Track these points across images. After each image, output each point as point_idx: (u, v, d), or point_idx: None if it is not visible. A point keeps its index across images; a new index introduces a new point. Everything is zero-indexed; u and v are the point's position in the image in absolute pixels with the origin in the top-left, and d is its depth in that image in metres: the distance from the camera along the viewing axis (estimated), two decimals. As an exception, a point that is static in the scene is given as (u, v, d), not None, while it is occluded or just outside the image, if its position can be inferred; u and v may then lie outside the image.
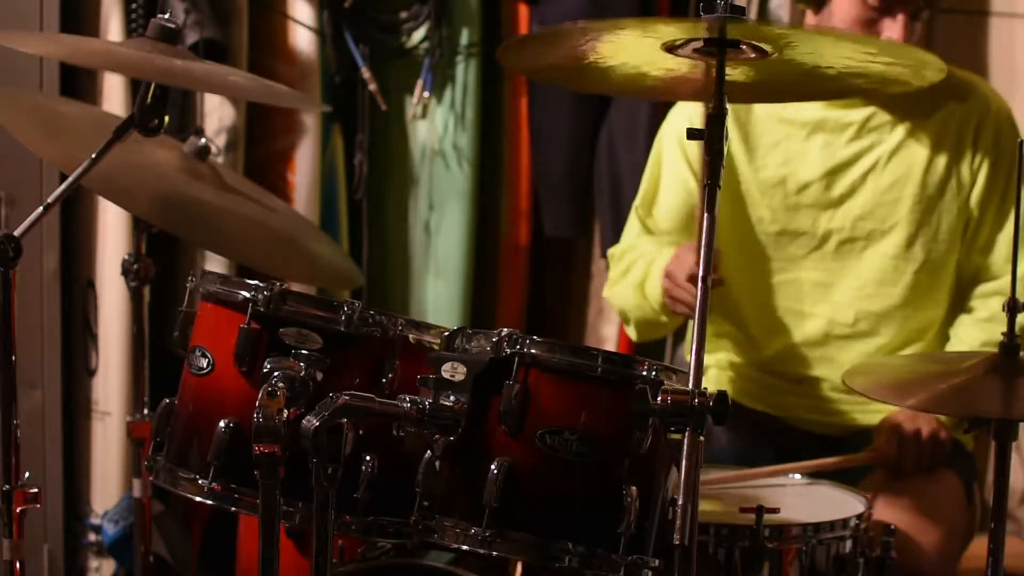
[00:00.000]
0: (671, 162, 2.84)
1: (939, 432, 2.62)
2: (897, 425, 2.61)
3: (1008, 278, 2.52)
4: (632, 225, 2.90)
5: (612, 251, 2.92)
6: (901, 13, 2.60)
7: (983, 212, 2.70)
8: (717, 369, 2.87)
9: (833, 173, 2.72)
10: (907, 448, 2.60)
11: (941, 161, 2.69)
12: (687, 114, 2.78)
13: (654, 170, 2.88)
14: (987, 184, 2.69)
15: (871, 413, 2.72)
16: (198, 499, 1.99)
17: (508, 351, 1.89)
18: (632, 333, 2.85)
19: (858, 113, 2.71)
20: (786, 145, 2.74)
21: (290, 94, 2.57)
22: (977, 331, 2.69)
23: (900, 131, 2.71)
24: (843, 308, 2.73)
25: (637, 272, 2.75)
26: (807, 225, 2.73)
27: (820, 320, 2.74)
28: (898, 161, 2.70)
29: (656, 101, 3.49)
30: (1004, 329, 1.99)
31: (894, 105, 2.70)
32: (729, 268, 2.77)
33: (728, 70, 1.82)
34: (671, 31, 1.84)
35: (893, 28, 2.60)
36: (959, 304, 2.77)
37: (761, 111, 2.76)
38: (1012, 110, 2.80)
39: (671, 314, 2.67)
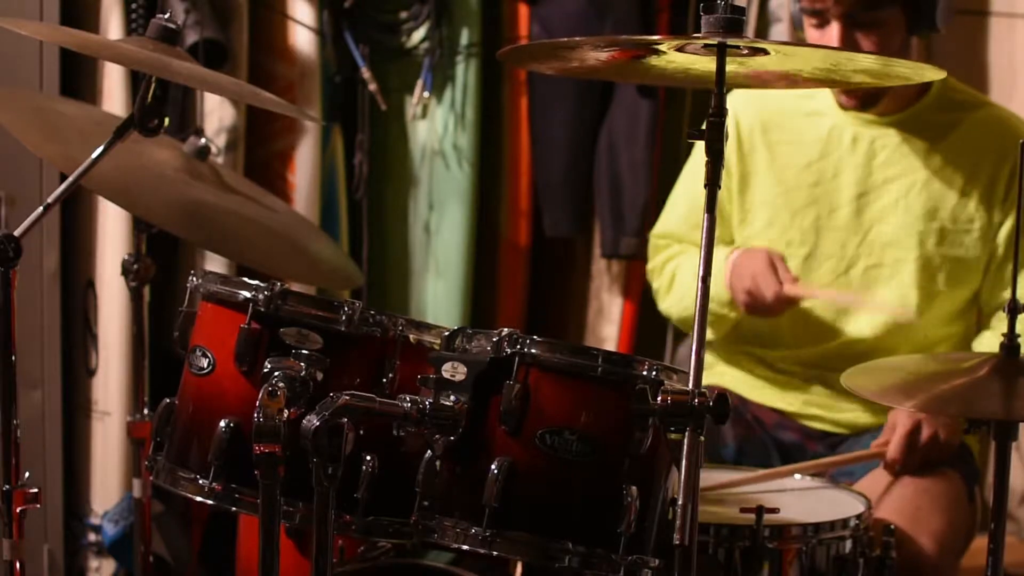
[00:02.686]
0: (692, 177, 2.84)
1: (954, 436, 2.60)
2: (915, 425, 2.58)
3: None
4: (654, 247, 2.93)
5: (649, 268, 2.94)
6: (833, 22, 2.58)
7: (1009, 249, 2.67)
8: (724, 364, 2.87)
9: (865, 195, 2.71)
10: (916, 448, 2.58)
11: (973, 196, 2.67)
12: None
13: (671, 197, 2.92)
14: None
15: (877, 413, 2.72)
16: (198, 499, 2.00)
17: (508, 351, 1.89)
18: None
19: (893, 136, 2.70)
20: (819, 165, 2.73)
21: (286, 105, 2.56)
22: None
23: (935, 161, 2.69)
24: (862, 332, 2.72)
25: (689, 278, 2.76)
26: (835, 249, 2.72)
27: (837, 343, 2.73)
28: (930, 191, 2.68)
29: (656, 100, 3.50)
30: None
31: (931, 132, 2.69)
32: None
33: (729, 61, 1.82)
34: (669, 44, 1.84)
35: (824, 41, 2.59)
36: (976, 327, 2.76)
37: (792, 130, 2.75)
38: (1015, 113, 2.79)
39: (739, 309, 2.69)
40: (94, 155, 2.03)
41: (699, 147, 2.84)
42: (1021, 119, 2.79)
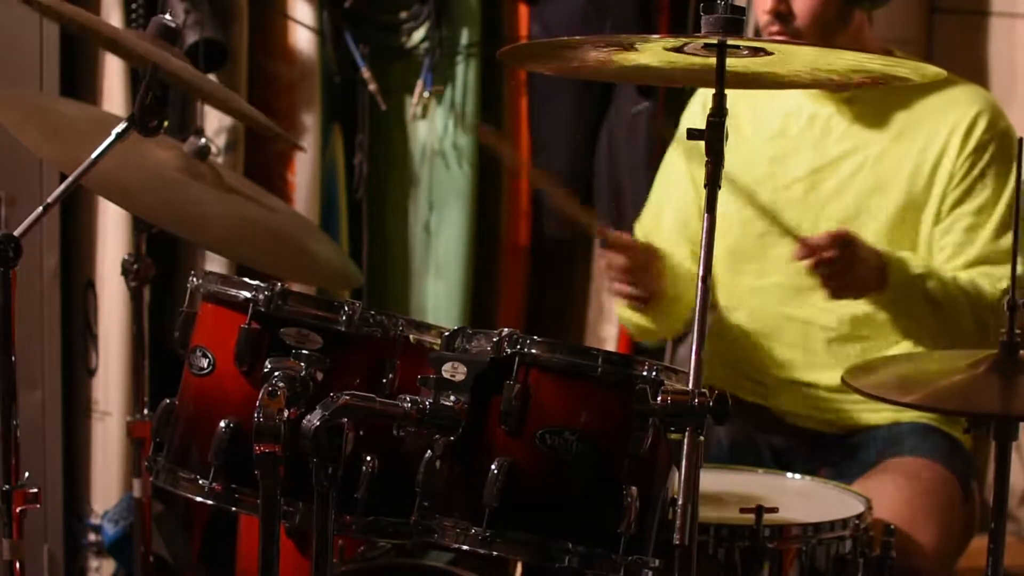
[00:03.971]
0: (671, 170, 2.85)
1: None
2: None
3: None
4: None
5: None
6: None
7: (947, 194, 2.67)
8: (715, 365, 2.87)
9: (819, 171, 2.72)
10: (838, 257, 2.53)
11: (927, 167, 2.67)
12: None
13: (658, 190, 2.91)
14: (963, 175, 2.65)
15: (868, 412, 2.72)
16: (198, 499, 2.00)
17: (508, 351, 1.89)
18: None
19: (848, 112, 2.71)
20: (777, 141, 2.75)
21: (274, 128, 2.56)
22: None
23: (890, 133, 2.70)
24: (825, 311, 2.72)
25: None
26: (792, 225, 2.72)
27: (803, 323, 2.74)
28: (885, 164, 2.69)
29: (656, 100, 3.50)
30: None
31: (886, 106, 2.70)
32: (716, 269, 2.78)
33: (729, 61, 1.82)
34: (670, 42, 1.84)
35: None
36: None
37: (755, 108, 2.76)
38: (1008, 115, 2.79)
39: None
40: (94, 155, 2.03)
41: (675, 144, 2.89)
42: (978, 90, 2.78)
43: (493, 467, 1.86)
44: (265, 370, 1.87)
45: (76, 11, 2.29)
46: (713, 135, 1.79)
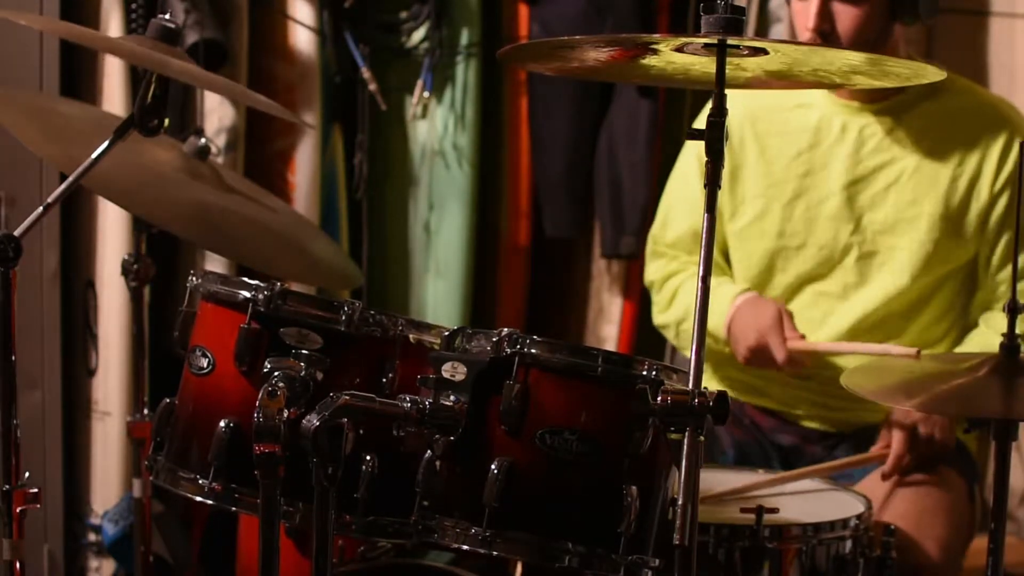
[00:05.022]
0: (685, 177, 2.85)
1: (949, 436, 2.61)
2: (912, 425, 2.59)
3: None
4: (654, 253, 2.93)
5: (649, 279, 2.94)
6: None
7: (999, 235, 2.68)
8: (725, 364, 2.87)
9: (855, 184, 2.71)
10: (917, 448, 2.59)
11: (963, 181, 2.66)
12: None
13: (667, 199, 2.91)
14: (1008, 207, 2.65)
15: (876, 411, 2.72)
16: (198, 499, 2.00)
17: (508, 351, 1.89)
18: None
19: (881, 124, 2.70)
20: (808, 155, 2.73)
21: (283, 110, 2.56)
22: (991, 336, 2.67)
23: (924, 147, 2.68)
24: (856, 320, 2.72)
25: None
26: (827, 238, 2.72)
27: (832, 330, 2.74)
28: (920, 177, 2.68)
29: (656, 100, 3.50)
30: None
31: (919, 119, 2.69)
32: (748, 279, 2.78)
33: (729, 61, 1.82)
34: (670, 42, 1.84)
35: (807, 14, 2.60)
36: (967, 317, 2.76)
37: (783, 121, 2.76)
38: (1001, 97, 2.79)
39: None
40: (94, 155, 2.03)
41: (688, 148, 2.89)
42: (1007, 103, 2.79)
43: (493, 467, 1.86)
44: (265, 370, 1.87)
45: (76, 29, 2.29)
46: (713, 135, 1.78)
